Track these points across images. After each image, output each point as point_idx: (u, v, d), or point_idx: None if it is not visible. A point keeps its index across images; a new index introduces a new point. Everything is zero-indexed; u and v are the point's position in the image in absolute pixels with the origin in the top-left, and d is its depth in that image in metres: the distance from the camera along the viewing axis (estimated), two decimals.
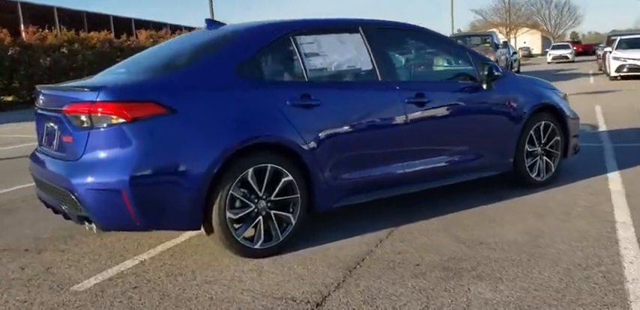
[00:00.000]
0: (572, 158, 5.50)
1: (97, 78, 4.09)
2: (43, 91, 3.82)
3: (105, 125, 3.27)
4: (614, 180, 5.25)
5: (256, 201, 3.59)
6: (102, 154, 3.29)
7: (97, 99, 3.27)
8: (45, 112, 3.77)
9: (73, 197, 3.33)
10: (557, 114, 5.17)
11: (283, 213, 3.69)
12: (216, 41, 4.01)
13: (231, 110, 3.51)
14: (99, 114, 3.28)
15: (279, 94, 3.69)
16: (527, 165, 4.98)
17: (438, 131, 4.38)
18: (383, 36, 4.31)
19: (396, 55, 4.63)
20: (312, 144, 3.72)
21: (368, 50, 4.15)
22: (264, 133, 3.58)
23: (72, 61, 21.40)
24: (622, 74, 17.96)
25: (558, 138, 5.18)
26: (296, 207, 3.72)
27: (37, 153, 3.96)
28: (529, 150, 4.99)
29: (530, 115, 4.92)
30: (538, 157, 5.08)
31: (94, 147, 3.30)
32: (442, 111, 4.39)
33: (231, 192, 3.45)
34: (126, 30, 28.68)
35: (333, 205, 3.93)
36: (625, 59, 17.93)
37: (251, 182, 3.53)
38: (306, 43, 3.93)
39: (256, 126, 3.56)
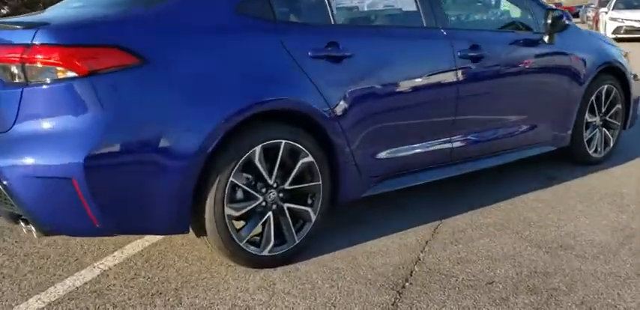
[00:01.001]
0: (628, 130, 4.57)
1: (42, 14, 2.95)
2: None
3: (46, 81, 2.19)
4: None
5: (265, 190, 2.57)
6: (42, 124, 2.21)
7: (34, 42, 2.18)
8: None
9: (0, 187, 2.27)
10: (620, 77, 4.20)
11: (300, 207, 2.69)
12: None
13: (230, 63, 2.44)
14: (37, 65, 2.19)
15: (297, 42, 2.62)
16: (585, 139, 4.04)
17: (493, 95, 3.38)
18: None
19: None
20: (340, 112, 2.70)
21: None
22: (277, 96, 2.52)
23: None
24: (619, 36, 17.07)
25: (619, 106, 4.23)
26: (317, 198, 2.73)
27: None
28: (588, 120, 4.04)
29: (594, 78, 3.94)
30: (597, 129, 4.14)
31: (29, 114, 2.22)
32: (498, 70, 3.37)
33: (231, 179, 2.43)
34: None
35: (364, 194, 2.94)
36: (623, 20, 17.03)
37: (258, 165, 2.51)
38: None
39: (267, 87, 2.51)
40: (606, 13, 17.85)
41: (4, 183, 2.22)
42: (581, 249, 2.77)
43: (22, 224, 2.35)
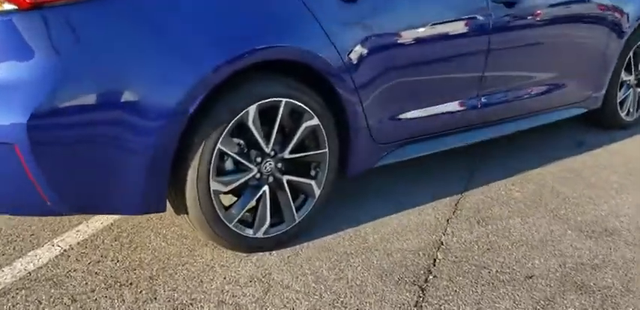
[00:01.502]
0: None
1: None
2: None
3: None
4: None
5: (260, 160, 2.09)
6: None
7: None
8: None
9: None
10: None
11: (302, 180, 2.22)
12: None
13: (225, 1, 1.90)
14: None
15: None
16: (618, 101, 3.58)
17: (526, 47, 2.87)
18: None
19: None
20: (354, 63, 2.19)
21: None
22: (277, 43, 2.00)
23: None
24: None
25: None
26: (322, 169, 2.26)
27: None
28: (624, 78, 3.57)
29: (634, 31, 3.44)
30: (631, 89, 3.68)
31: None
32: (534, 18, 2.85)
33: (219, 146, 1.94)
34: None
35: (378, 163, 2.47)
36: None
37: (253, 129, 2.02)
38: None
39: (265, 30, 1.98)
40: None
41: None
42: (629, 234, 2.36)
43: None
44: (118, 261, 2.13)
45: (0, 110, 1.66)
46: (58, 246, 2.24)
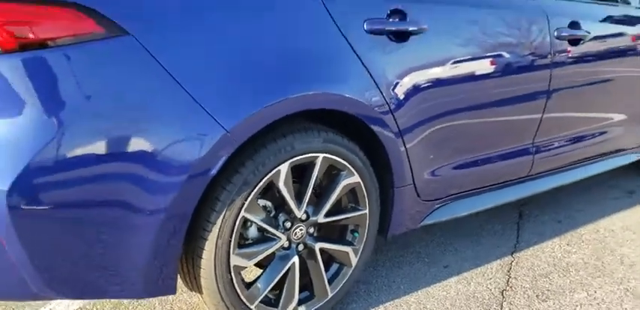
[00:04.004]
0: None
1: None
2: None
3: None
4: None
5: (289, 225, 1.75)
6: None
7: None
8: None
9: None
10: None
11: (337, 247, 1.88)
12: None
13: (249, 37, 1.56)
14: None
15: (348, 7, 1.75)
16: None
17: (589, 88, 2.55)
18: None
19: None
20: (402, 112, 1.86)
21: None
22: (317, 89, 1.66)
23: None
24: None
25: None
26: (360, 234, 1.91)
27: None
28: None
29: None
30: None
31: None
32: (600, 56, 2.54)
33: (243, 214, 1.60)
34: None
35: (422, 223, 2.12)
36: None
37: (284, 190, 1.68)
38: None
39: (303, 74, 1.64)
40: None
41: None
42: None
43: None
44: None
45: None
46: None
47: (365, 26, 1.77)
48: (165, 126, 1.41)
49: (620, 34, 2.67)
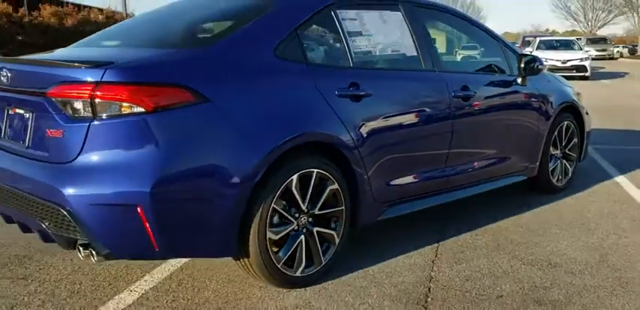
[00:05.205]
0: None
1: (84, 52, 3.12)
2: (6, 66, 2.79)
3: (114, 115, 2.38)
4: (627, 185, 4.91)
5: (297, 215, 2.82)
6: (108, 155, 2.39)
7: (104, 79, 2.37)
8: (9, 95, 2.77)
9: (62, 213, 2.41)
10: (576, 115, 4.75)
11: (327, 231, 2.95)
12: (243, 8, 3.16)
13: (274, 101, 2.71)
14: (106, 101, 2.38)
15: (326, 82, 2.93)
16: (550, 169, 4.52)
17: (478, 130, 3.79)
18: (421, 16, 3.62)
19: (433, 40, 3.96)
20: (360, 144, 3.00)
21: (410, 32, 3.47)
22: (313, 130, 2.81)
23: None
24: None
25: (576, 140, 4.77)
26: (340, 222, 3.00)
27: None
28: (552, 152, 4.53)
29: (557, 115, 4.45)
30: (558, 161, 4.64)
31: (95, 145, 2.40)
32: (483, 108, 3.79)
33: (273, 205, 2.67)
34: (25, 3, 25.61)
35: (379, 218, 3.23)
36: (546, 59, 18.39)
37: (295, 192, 2.76)
38: (349, 19, 3.19)
39: (305, 122, 2.79)
40: (530, 52, 19.21)
41: (69, 209, 2.38)
42: (567, 266, 3.16)
43: (80, 249, 2.48)
44: (188, 299, 2.76)
45: (128, 181, 2.36)
46: (136, 291, 2.85)
47: (336, 92, 2.93)
48: (233, 153, 2.50)
49: (498, 94, 3.95)
